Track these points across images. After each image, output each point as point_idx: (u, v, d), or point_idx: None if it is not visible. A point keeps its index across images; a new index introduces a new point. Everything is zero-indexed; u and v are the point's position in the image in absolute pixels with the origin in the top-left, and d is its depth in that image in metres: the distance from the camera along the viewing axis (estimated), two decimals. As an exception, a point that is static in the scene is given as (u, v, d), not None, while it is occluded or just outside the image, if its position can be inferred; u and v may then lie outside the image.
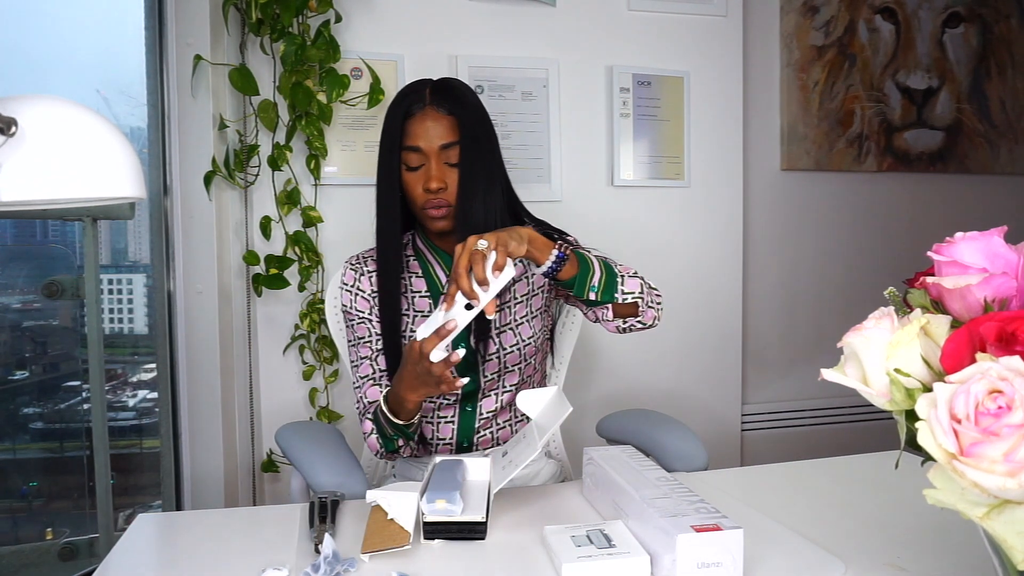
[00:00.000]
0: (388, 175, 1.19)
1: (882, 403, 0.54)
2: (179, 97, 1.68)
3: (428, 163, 1.16)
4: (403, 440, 1.14)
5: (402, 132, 1.16)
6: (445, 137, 1.15)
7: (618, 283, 1.08)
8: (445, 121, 1.16)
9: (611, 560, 0.76)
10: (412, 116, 1.17)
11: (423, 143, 1.15)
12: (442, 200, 1.16)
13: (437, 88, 1.19)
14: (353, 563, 0.80)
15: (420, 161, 1.16)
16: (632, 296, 1.09)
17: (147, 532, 0.97)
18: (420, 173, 1.17)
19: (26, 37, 1.67)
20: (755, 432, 2.26)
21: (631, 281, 1.10)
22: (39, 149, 0.67)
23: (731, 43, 2.11)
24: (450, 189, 1.16)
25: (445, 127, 1.16)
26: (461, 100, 1.18)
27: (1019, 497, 0.45)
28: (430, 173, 1.15)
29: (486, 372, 1.23)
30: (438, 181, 1.15)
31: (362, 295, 1.25)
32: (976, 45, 2.40)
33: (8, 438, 1.85)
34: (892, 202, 2.37)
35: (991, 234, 0.55)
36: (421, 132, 1.15)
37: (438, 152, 1.16)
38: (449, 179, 1.16)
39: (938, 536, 0.86)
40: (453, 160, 1.16)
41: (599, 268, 1.07)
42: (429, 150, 1.16)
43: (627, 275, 1.10)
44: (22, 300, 1.87)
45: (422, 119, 1.16)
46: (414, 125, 1.16)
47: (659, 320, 1.16)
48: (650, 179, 2.06)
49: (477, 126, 1.18)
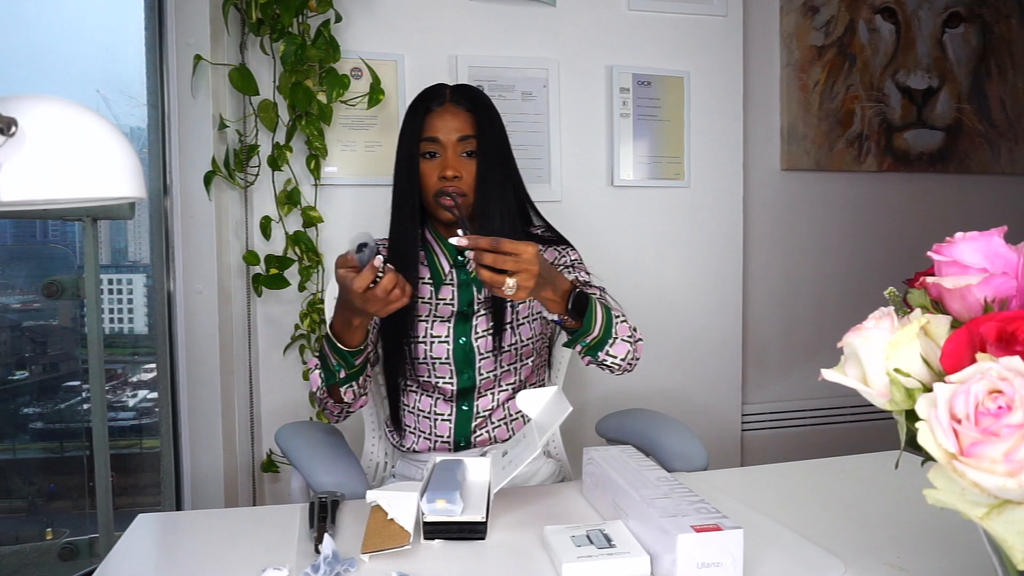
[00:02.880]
0: (407, 164, 1.23)
1: (882, 403, 0.54)
2: (179, 97, 1.68)
3: (445, 153, 1.21)
4: (345, 372, 1.11)
5: (422, 125, 1.22)
6: (463, 130, 1.22)
7: (607, 346, 1.10)
8: (463, 116, 1.23)
9: (611, 560, 0.76)
10: (432, 111, 1.23)
11: (441, 134, 1.21)
12: (456, 188, 1.20)
13: (457, 89, 1.26)
14: (353, 563, 0.80)
15: (437, 151, 1.22)
16: (613, 362, 1.12)
17: (147, 532, 0.97)
18: (436, 162, 1.22)
19: (26, 37, 1.67)
20: (755, 432, 2.26)
21: (620, 346, 1.11)
22: (39, 149, 0.67)
23: (731, 43, 2.11)
24: (465, 179, 1.21)
25: (463, 121, 1.22)
26: (479, 100, 1.25)
27: (1019, 497, 0.45)
28: (446, 162, 1.20)
29: (482, 370, 1.23)
30: (454, 169, 1.20)
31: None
32: (976, 45, 2.40)
33: (8, 438, 1.85)
34: (892, 202, 2.37)
35: (991, 234, 0.55)
36: (440, 124, 1.22)
37: (455, 143, 1.21)
38: (464, 169, 1.21)
39: (938, 536, 0.86)
40: (469, 151, 1.22)
41: (597, 329, 1.08)
42: (447, 141, 1.21)
43: (620, 338, 1.11)
44: (22, 300, 1.87)
45: (441, 113, 1.22)
46: (433, 119, 1.22)
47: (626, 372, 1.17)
48: (650, 179, 2.06)
49: (493, 124, 1.24)
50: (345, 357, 1.10)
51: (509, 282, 0.94)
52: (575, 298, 1.05)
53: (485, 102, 1.26)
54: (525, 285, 0.95)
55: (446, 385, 1.25)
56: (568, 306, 1.05)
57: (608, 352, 1.11)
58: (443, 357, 1.22)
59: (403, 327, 1.22)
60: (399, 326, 1.22)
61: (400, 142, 1.25)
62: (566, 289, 1.05)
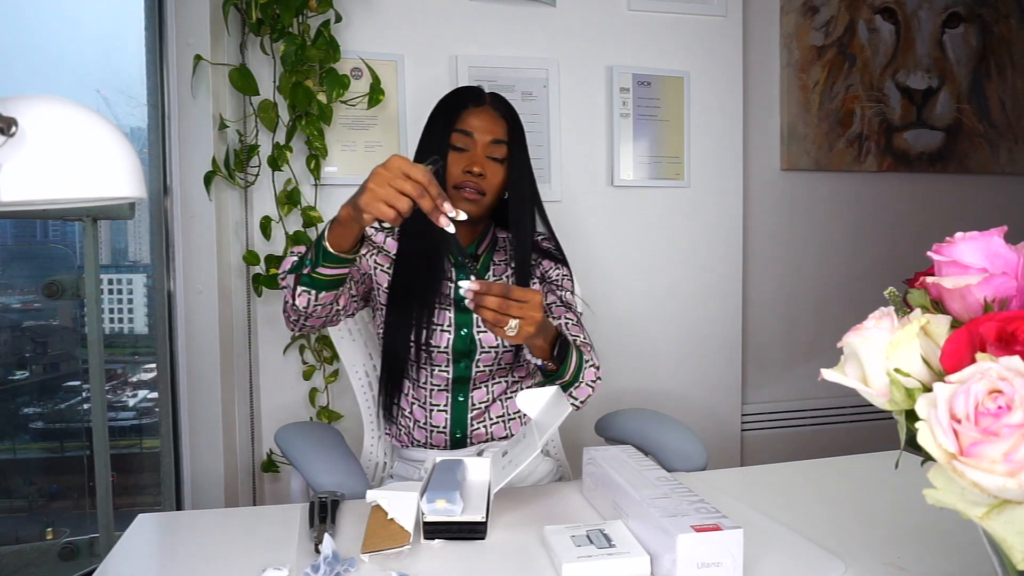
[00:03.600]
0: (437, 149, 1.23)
1: (882, 403, 0.54)
2: (179, 97, 1.68)
3: (474, 149, 1.23)
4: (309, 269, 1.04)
5: (457, 117, 1.24)
6: (496, 134, 1.24)
7: (572, 388, 1.16)
8: (499, 122, 1.26)
9: (611, 560, 0.76)
10: (469, 108, 1.25)
11: (476, 132, 1.23)
12: (478, 185, 1.22)
13: (495, 95, 1.29)
14: (353, 563, 0.80)
15: (467, 145, 1.23)
16: (573, 403, 1.16)
17: (147, 532, 0.97)
18: (464, 156, 1.23)
19: (26, 37, 1.67)
20: (755, 432, 2.26)
21: (583, 390, 1.17)
22: (39, 149, 0.67)
23: (731, 43, 2.11)
24: (488, 179, 1.23)
25: (498, 126, 1.25)
26: (513, 111, 1.29)
27: (1019, 497, 0.45)
28: (474, 158, 1.22)
29: (480, 363, 1.24)
30: (480, 166, 1.21)
31: (384, 252, 1.28)
32: (976, 45, 2.40)
33: (8, 438, 1.85)
34: (892, 202, 2.37)
35: (991, 234, 0.55)
36: (477, 122, 1.24)
37: (487, 144, 1.24)
38: (489, 170, 1.23)
39: (938, 536, 0.86)
40: (497, 156, 1.24)
41: (569, 375, 1.13)
42: (480, 139, 1.23)
43: (585, 382, 1.17)
44: (22, 300, 1.87)
45: (480, 112, 1.25)
46: (471, 115, 1.24)
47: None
48: (650, 179, 2.06)
49: (523, 135, 1.28)
50: (319, 252, 1.02)
51: (512, 323, 0.96)
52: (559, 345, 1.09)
53: (516, 114, 1.29)
54: (527, 330, 0.97)
55: (442, 373, 1.25)
56: (553, 352, 1.09)
57: (571, 394, 1.16)
58: (443, 345, 1.23)
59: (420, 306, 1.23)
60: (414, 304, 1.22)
61: (427, 130, 1.27)
62: (554, 336, 1.09)
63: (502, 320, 0.95)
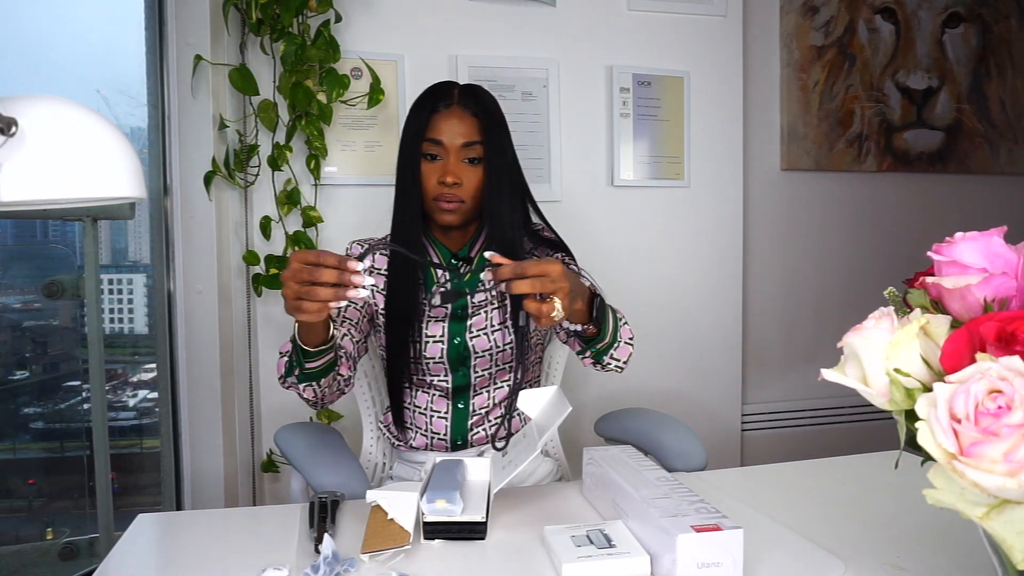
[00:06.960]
0: (409, 164, 1.21)
1: (882, 403, 0.54)
2: (179, 97, 1.68)
3: (447, 157, 1.20)
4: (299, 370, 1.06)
5: (427, 124, 1.20)
6: (467, 136, 1.20)
7: (612, 349, 1.10)
8: (469, 121, 1.20)
9: (611, 560, 0.76)
10: (438, 112, 1.20)
11: (445, 138, 1.19)
12: (455, 195, 1.19)
13: (465, 90, 1.23)
14: (353, 563, 0.80)
15: (439, 153, 1.20)
16: (616, 364, 1.12)
17: (147, 532, 0.97)
18: (437, 165, 1.20)
19: (26, 37, 1.67)
20: (755, 432, 2.26)
21: (623, 349, 1.12)
22: (39, 149, 0.67)
23: (731, 43, 2.11)
24: (464, 186, 1.20)
25: (468, 127, 1.20)
26: (486, 105, 1.23)
27: (1019, 497, 0.45)
28: (447, 167, 1.19)
29: (477, 369, 1.24)
30: (454, 176, 1.18)
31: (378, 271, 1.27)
32: (976, 45, 2.40)
33: (8, 438, 1.85)
34: (892, 202, 2.37)
35: (991, 234, 0.55)
36: (445, 127, 1.19)
37: (458, 149, 1.19)
38: (465, 176, 1.20)
39: (938, 536, 0.86)
40: (472, 156, 1.20)
41: (609, 335, 1.07)
42: (450, 145, 1.19)
43: (623, 341, 1.11)
44: (22, 300, 1.87)
45: (448, 116, 1.20)
46: (439, 120, 1.20)
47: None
48: (650, 179, 2.06)
49: (499, 129, 1.23)
50: (299, 353, 1.03)
51: (557, 305, 0.89)
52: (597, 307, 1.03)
53: (492, 106, 1.23)
54: (564, 304, 0.91)
55: (441, 383, 1.25)
56: (593, 314, 1.02)
57: (612, 356, 1.11)
58: (437, 356, 1.22)
59: (406, 324, 1.22)
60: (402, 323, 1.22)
61: (403, 138, 1.24)
62: (589, 296, 1.02)
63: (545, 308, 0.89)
